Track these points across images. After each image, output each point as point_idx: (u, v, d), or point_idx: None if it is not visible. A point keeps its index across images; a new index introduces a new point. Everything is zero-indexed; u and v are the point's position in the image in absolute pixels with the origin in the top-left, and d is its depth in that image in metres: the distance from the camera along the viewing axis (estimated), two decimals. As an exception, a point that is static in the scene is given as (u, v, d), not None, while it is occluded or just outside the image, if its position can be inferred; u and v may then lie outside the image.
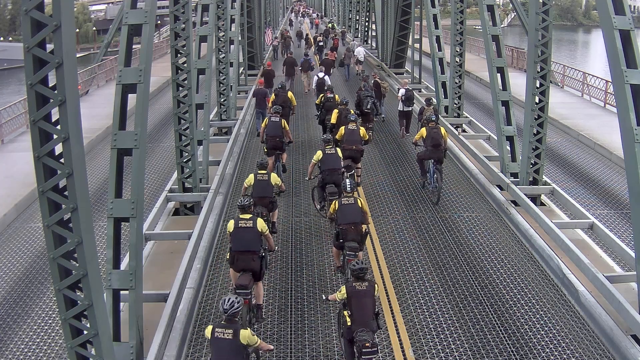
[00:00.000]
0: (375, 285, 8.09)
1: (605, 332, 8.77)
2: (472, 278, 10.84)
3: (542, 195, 14.02)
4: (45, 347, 9.65)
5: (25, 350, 9.59)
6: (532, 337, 9.04)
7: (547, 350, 8.72)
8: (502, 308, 9.84)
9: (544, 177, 14.00)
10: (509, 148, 14.74)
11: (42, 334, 10.06)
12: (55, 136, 6.04)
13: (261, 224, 9.37)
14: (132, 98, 8.25)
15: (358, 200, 10.42)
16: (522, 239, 12.22)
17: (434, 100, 19.93)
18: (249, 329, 7.08)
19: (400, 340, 8.98)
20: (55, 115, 6.00)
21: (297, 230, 12.98)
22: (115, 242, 7.75)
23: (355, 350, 7.70)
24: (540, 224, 11.92)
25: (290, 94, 18.86)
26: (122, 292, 7.78)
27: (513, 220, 12.76)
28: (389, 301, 10.05)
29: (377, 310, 8.03)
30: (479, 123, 20.45)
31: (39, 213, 8.10)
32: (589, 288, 9.68)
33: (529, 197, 13.11)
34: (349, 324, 7.78)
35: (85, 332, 6.49)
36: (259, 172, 11.80)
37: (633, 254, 9.68)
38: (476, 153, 16.49)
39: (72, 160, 6.01)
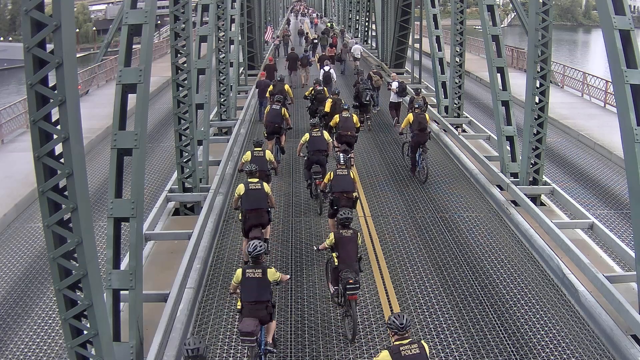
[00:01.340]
0: (359, 233, 9.52)
1: (605, 332, 8.77)
2: (472, 278, 10.84)
3: (542, 195, 14.02)
4: (45, 347, 9.65)
5: (25, 350, 9.59)
6: (532, 337, 9.04)
7: (547, 350, 8.72)
8: (502, 308, 9.85)
9: (544, 177, 14.00)
10: (509, 148, 14.74)
11: (42, 334, 10.06)
12: (55, 136, 6.03)
13: (267, 187, 11.14)
14: (132, 98, 8.25)
15: (350, 172, 11.85)
16: (522, 239, 12.22)
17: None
18: (272, 267, 8.37)
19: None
20: (55, 115, 5.99)
21: (297, 230, 12.98)
22: (115, 242, 7.74)
23: (340, 286, 9.03)
24: (540, 224, 11.92)
25: (287, 86, 20.58)
26: (122, 292, 7.78)
27: (513, 220, 12.76)
28: (389, 301, 10.06)
29: (359, 255, 9.38)
30: (479, 123, 20.45)
31: (39, 213, 8.10)
32: (589, 288, 9.68)
33: (529, 197, 13.11)
34: (336, 264, 9.22)
35: (85, 332, 6.49)
36: (255, 149, 13.06)
37: (633, 254, 9.68)
38: (476, 153, 16.49)
39: (72, 160, 6.01)
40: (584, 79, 28.86)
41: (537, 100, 13.41)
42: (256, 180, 11.14)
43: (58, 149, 6.11)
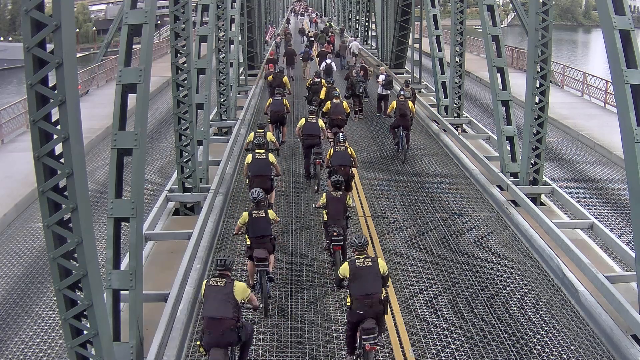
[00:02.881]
0: (347, 195, 11.09)
1: (605, 332, 8.77)
2: (472, 278, 10.84)
3: (542, 195, 14.02)
4: (45, 347, 9.65)
5: (25, 350, 9.59)
6: (532, 337, 9.04)
7: (547, 350, 8.72)
8: (502, 308, 9.85)
9: (544, 177, 14.00)
10: (509, 148, 14.74)
11: (42, 334, 10.06)
12: (55, 136, 6.03)
13: (272, 157, 12.98)
14: (132, 98, 8.25)
15: (348, 148, 13.46)
16: (522, 239, 12.22)
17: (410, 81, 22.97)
18: (271, 209, 10.67)
19: (400, 340, 8.97)
20: (55, 115, 5.99)
21: (297, 231, 12.98)
22: (115, 242, 7.74)
23: (327, 237, 10.72)
24: (540, 224, 11.92)
25: (285, 78, 22.62)
26: (122, 292, 7.78)
27: (513, 220, 12.76)
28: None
29: (348, 214, 10.92)
30: (479, 123, 20.45)
31: (39, 213, 8.11)
32: (589, 288, 9.68)
33: (529, 197, 13.11)
34: (325, 219, 10.87)
35: (85, 332, 6.49)
36: (258, 130, 14.64)
37: (633, 254, 9.68)
38: (476, 153, 16.49)
39: (72, 160, 6.01)
40: (584, 79, 28.85)
41: (537, 100, 13.41)
42: (262, 151, 13.00)
43: (58, 149, 6.11)
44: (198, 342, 7.64)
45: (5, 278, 12.16)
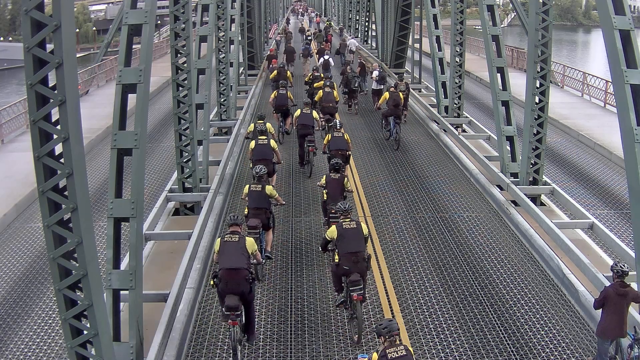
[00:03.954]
0: (346, 177, 12.06)
1: (605, 332, 8.76)
2: (472, 278, 10.84)
3: (542, 195, 14.02)
4: (45, 347, 9.65)
5: (25, 350, 9.59)
6: (532, 337, 9.05)
7: (547, 350, 8.72)
8: (502, 308, 9.85)
9: (544, 177, 14.00)
10: (509, 148, 14.74)
11: (42, 334, 10.07)
12: (55, 136, 6.03)
13: (273, 143, 13.99)
14: (132, 98, 8.24)
15: (344, 134, 14.61)
16: (522, 239, 12.22)
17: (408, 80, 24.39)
18: (271, 185, 11.57)
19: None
20: (55, 115, 5.99)
21: (297, 231, 12.98)
22: (115, 242, 7.74)
23: (326, 215, 11.71)
24: (540, 224, 11.92)
25: (288, 72, 24.33)
26: (122, 292, 7.78)
27: (513, 220, 12.76)
28: (389, 301, 10.05)
29: (345, 194, 11.79)
30: (479, 123, 20.46)
31: (39, 213, 8.11)
32: (589, 288, 9.68)
33: (529, 197, 13.11)
34: (325, 198, 11.93)
35: (85, 332, 6.49)
36: (258, 121, 15.28)
37: (633, 254, 9.69)
38: (476, 153, 16.49)
39: (72, 160, 6.01)
40: (584, 79, 28.85)
41: (537, 100, 13.41)
42: (264, 137, 14.01)
43: (58, 149, 6.11)
44: (212, 282, 8.74)
45: (5, 278, 12.16)
